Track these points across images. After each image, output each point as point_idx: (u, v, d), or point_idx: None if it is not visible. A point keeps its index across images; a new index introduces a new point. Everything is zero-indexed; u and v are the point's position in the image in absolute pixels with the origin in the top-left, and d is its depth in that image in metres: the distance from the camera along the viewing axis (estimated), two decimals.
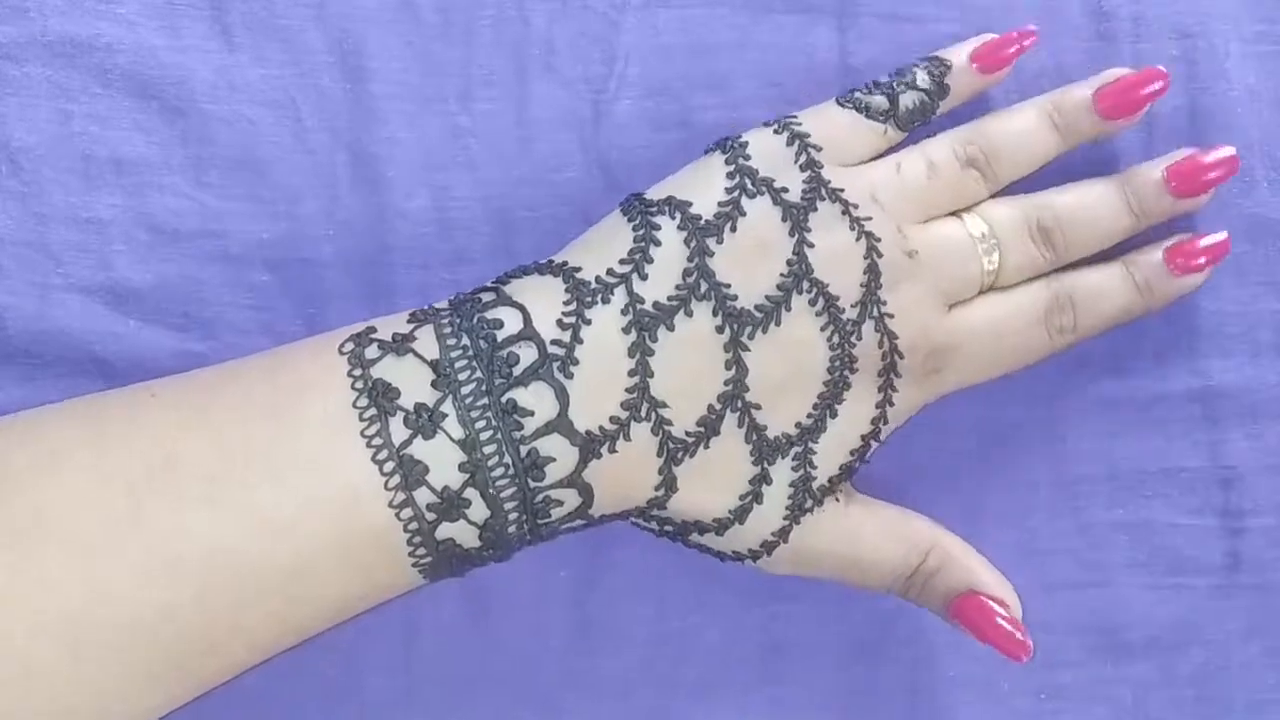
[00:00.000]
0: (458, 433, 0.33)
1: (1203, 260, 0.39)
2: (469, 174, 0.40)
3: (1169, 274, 0.39)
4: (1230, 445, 0.42)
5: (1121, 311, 0.39)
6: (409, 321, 0.34)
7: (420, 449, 0.32)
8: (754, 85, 0.40)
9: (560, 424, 0.33)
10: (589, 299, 0.34)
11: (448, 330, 0.34)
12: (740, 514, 0.36)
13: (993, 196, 0.39)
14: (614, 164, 0.40)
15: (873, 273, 0.36)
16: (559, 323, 0.34)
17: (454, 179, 0.39)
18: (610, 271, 0.35)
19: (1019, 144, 0.38)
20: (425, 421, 0.32)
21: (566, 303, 0.34)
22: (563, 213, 0.40)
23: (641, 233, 0.35)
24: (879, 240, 0.36)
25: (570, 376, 0.34)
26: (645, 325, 0.34)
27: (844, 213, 0.36)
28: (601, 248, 0.35)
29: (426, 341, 0.34)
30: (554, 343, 0.34)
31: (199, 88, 0.39)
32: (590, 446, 0.34)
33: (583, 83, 0.40)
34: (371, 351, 0.33)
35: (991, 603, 0.37)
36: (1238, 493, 0.42)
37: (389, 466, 0.32)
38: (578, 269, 0.35)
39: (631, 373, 0.34)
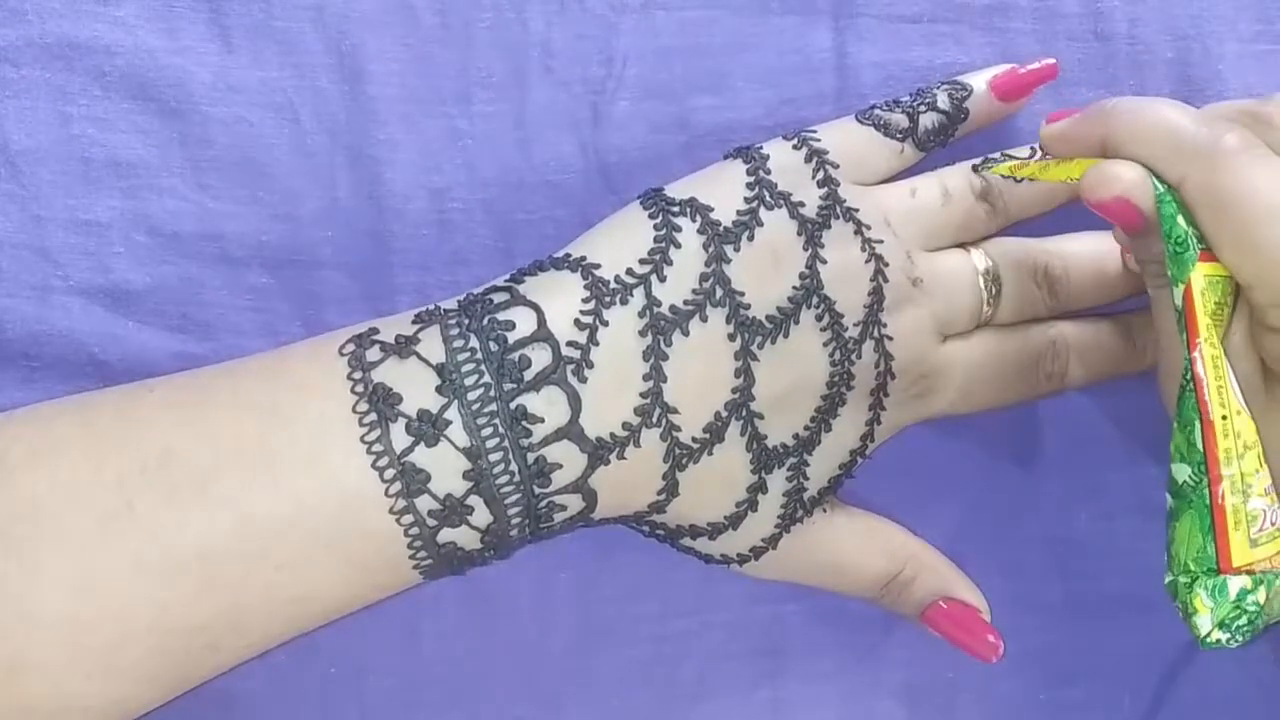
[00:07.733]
0: (462, 440, 0.32)
1: None
2: (467, 176, 0.39)
3: None
4: None
5: (1114, 368, 0.39)
6: (414, 323, 0.34)
7: (422, 456, 0.32)
8: (752, 86, 0.40)
9: (571, 430, 0.33)
10: (608, 299, 0.34)
11: (454, 332, 0.33)
12: (735, 520, 0.36)
13: (1004, 234, 0.38)
14: (612, 166, 0.40)
15: (877, 294, 0.36)
16: (576, 322, 0.34)
17: (452, 181, 0.39)
18: (630, 271, 0.34)
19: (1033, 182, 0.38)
20: (428, 429, 0.32)
21: (585, 300, 0.34)
22: (561, 214, 0.40)
23: (663, 232, 0.35)
24: (887, 264, 0.36)
25: (584, 381, 0.33)
26: (661, 329, 0.34)
27: (856, 233, 0.36)
28: (619, 243, 0.35)
29: (431, 344, 0.33)
30: (569, 344, 0.33)
31: (197, 90, 0.38)
32: (599, 453, 0.33)
33: (581, 84, 0.40)
34: (373, 354, 0.33)
35: (961, 609, 0.38)
36: None
37: (389, 474, 0.32)
38: (596, 265, 0.34)
39: (646, 377, 0.34)
